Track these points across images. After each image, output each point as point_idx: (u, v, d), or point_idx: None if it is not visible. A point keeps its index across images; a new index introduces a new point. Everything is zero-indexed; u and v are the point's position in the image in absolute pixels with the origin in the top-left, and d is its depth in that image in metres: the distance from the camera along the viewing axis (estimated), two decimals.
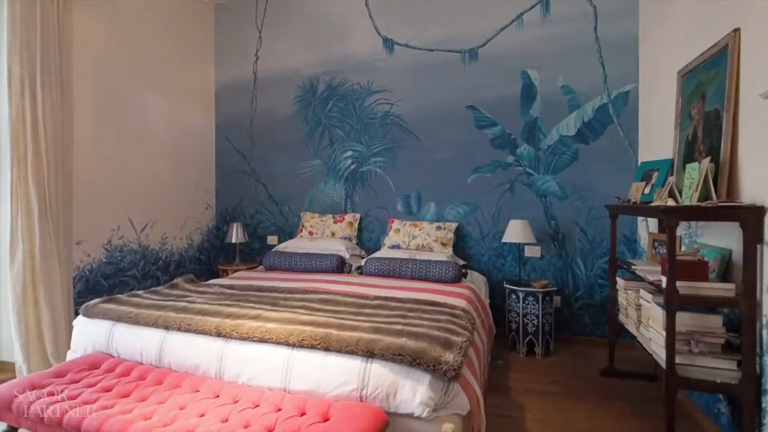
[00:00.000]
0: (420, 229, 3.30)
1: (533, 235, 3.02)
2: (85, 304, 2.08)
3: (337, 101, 3.81)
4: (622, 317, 2.40)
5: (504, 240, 3.07)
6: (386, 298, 2.20)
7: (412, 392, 1.46)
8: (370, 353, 1.52)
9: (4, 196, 2.54)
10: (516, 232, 2.98)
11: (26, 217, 2.52)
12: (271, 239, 4.05)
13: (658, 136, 2.69)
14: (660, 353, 1.80)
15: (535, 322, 2.87)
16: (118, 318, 1.92)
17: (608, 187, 3.05)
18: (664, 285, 1.73)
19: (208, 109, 4.22)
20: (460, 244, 3.42)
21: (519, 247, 3.22)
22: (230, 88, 4.21)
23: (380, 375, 1.50)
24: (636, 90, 3.01)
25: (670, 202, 1.92)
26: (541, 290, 2.87)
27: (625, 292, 2.32)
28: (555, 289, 2.98)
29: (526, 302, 2.89)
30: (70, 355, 2.06)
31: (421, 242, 3.22)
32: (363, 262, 3.08)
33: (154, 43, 3.54)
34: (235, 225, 3.86)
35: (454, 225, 3.32)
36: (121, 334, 1.90)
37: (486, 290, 3.03)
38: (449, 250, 3.19)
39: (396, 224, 3.44)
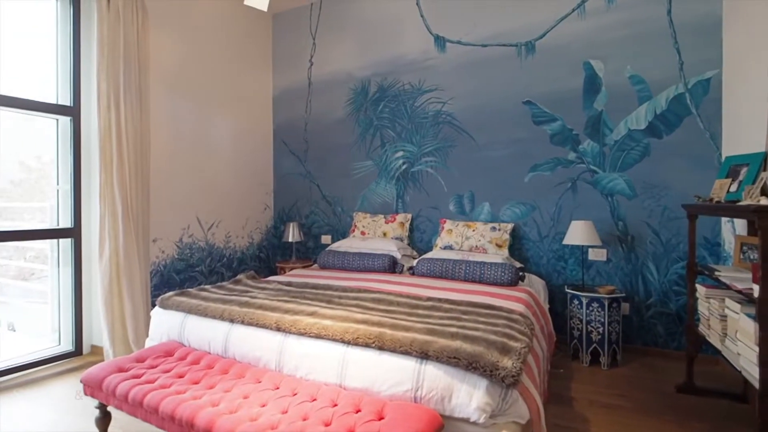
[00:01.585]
0: (474, 230, 3.22)
1: (598, 236, 2.83)
2: (161, 296, 2.27)
3: (388, 102, 3.83)
4: (702, 328, 2.17)
5: (565, 242, 2.91)
6: (439, 300, 2.17)
7: (468, 396, 1.42)
8: (424, 354, 1.51)
9: (94, 198, 2.84)
10: (578, 233, 2.81)
11: (112, 217, 2.81)
12: (325, 238, 4.17)
13: (746, 127, 2.40)
14: (752, 371, 1.60)
15: (601, 330, 2.69)
16: (189, 310, 2.08)
17: (685, 185, 2.78)
18: (756, 294, 1.53)
19: (267, 115, 4.43)
20: (516, 245, 3.29)
21: (582, 250, 3.03)
22: (286, 94, 4.39)
23: (435, 377, 1.48)
24: (719, 76, 2.71)
25: (764, 201, 1.70)
26: (608, 296, 2.67)
27: (706, 301, 2.09)
28: (623, 295, 2.76)
29: (590, 309, 2.71)
30: (148, 343, 2.25)
31: (474, 243, 3.14)
32: (415, 262, 3.06)
33: (218, 56, 3.78)
34: (291, 225, 4.02)
35: (510, 226, 3.21)
36: (192, 325, 2.05)
37: (545, 295, 2.89)
38: (505, 251, 3.08)
39: (448, 225, 3.39)
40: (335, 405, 1.46)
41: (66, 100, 2.88)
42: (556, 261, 3.18)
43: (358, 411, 1.43)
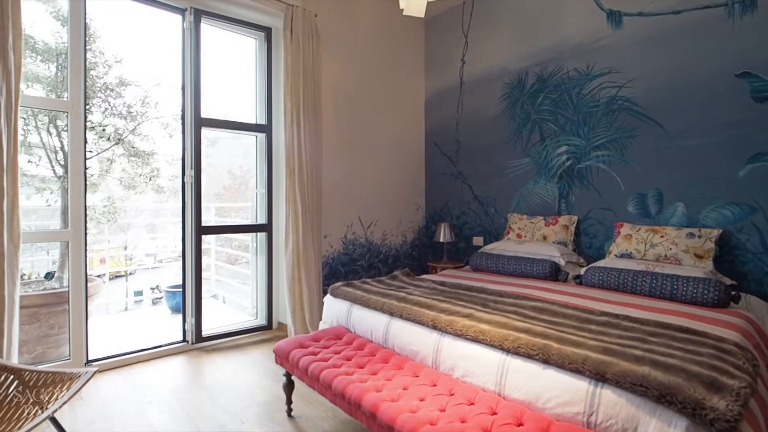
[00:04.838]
0: (662, 236, 2.66)
1: None
2: (332, 285, 2.56)
3: (549, 93, 3.51)
4: None
5: None
6: (617, 316, 1.86)
7: None
8: (600, 376, 1.32)
9: (281, 200, 3.40)
10: None
11: (293, 215, 3.31)
12: (477, 240, 4.07)
13: None
14: None
15: None
16: (354, 300, 2.29)
17: None
18: None
19: (419, 118, 4.58)
20: (726, 257, 2.59)
21: None
22: (438, 96, 4.46)
23: (614, 404, 1.28)
24: None
25: None
26: None
27: None
28: None
29: None
30: (321, 325, 2.57)
31: (663, 252, 2.60)
32: (583, 270, 2.71)
33: (376, 67, 4.09)
34: (442, 225, 4.06)
35: (716, 232, 2.55)
36: (356, 314, 2.25)
37: None
38: (708, 264, 2.45)
39: (626, 229, 2.89)
40: (494, 413, 1.40)
41: (262, 119, 3.53)
42: None
43: (520, 425, 1.33)
